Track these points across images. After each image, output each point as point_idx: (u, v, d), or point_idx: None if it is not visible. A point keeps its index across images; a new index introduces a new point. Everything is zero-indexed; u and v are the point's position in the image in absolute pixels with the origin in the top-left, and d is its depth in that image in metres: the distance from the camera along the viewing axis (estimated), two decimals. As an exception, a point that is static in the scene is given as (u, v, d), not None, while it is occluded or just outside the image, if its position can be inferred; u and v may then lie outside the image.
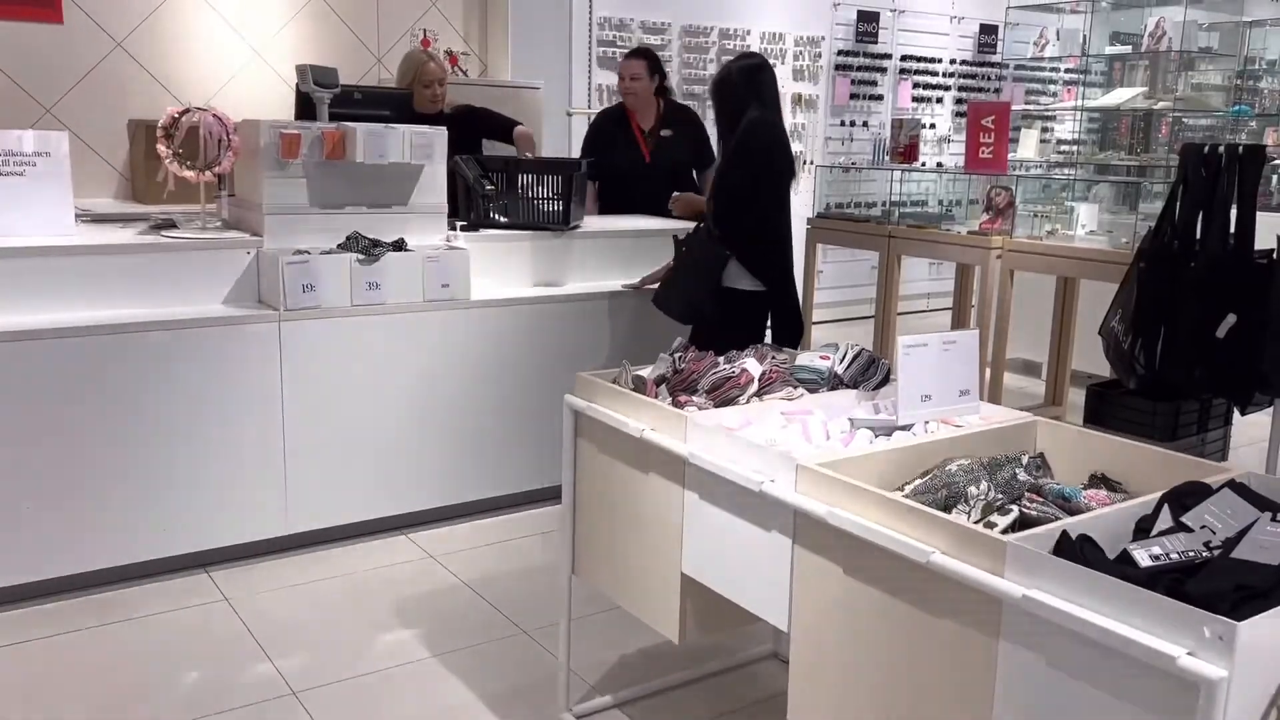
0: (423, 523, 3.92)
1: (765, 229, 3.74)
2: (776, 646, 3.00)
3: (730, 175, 3.74)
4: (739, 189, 3.70)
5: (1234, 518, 1.67)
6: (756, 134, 3.68)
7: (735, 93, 3.74)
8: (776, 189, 3.76)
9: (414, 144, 3.79)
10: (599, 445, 2.53)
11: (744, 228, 3.70)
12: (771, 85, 3.80)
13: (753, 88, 3.73)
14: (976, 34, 8.91)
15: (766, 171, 3.71)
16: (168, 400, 3.36)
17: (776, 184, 3.76)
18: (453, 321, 3.86)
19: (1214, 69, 7.73)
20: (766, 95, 3.75)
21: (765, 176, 3.71)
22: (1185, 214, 3.59)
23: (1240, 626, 1.30)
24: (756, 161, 3.68)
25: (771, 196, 3.74)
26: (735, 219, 3.70)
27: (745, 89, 3.73)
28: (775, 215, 3.77)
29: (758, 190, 3.70)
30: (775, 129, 3.75)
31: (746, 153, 3.68)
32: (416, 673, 2.94)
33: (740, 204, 3.70)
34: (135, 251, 3.47)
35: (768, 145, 3.71)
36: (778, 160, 3.75)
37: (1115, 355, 3.81)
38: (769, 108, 3.74)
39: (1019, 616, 1.55)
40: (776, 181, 3.76)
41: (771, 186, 3.74)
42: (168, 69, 5.71)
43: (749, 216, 3.71)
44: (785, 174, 3.79)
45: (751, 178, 3.68)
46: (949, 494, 1.85)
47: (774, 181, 3.75)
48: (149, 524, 3.39)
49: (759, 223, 3.72)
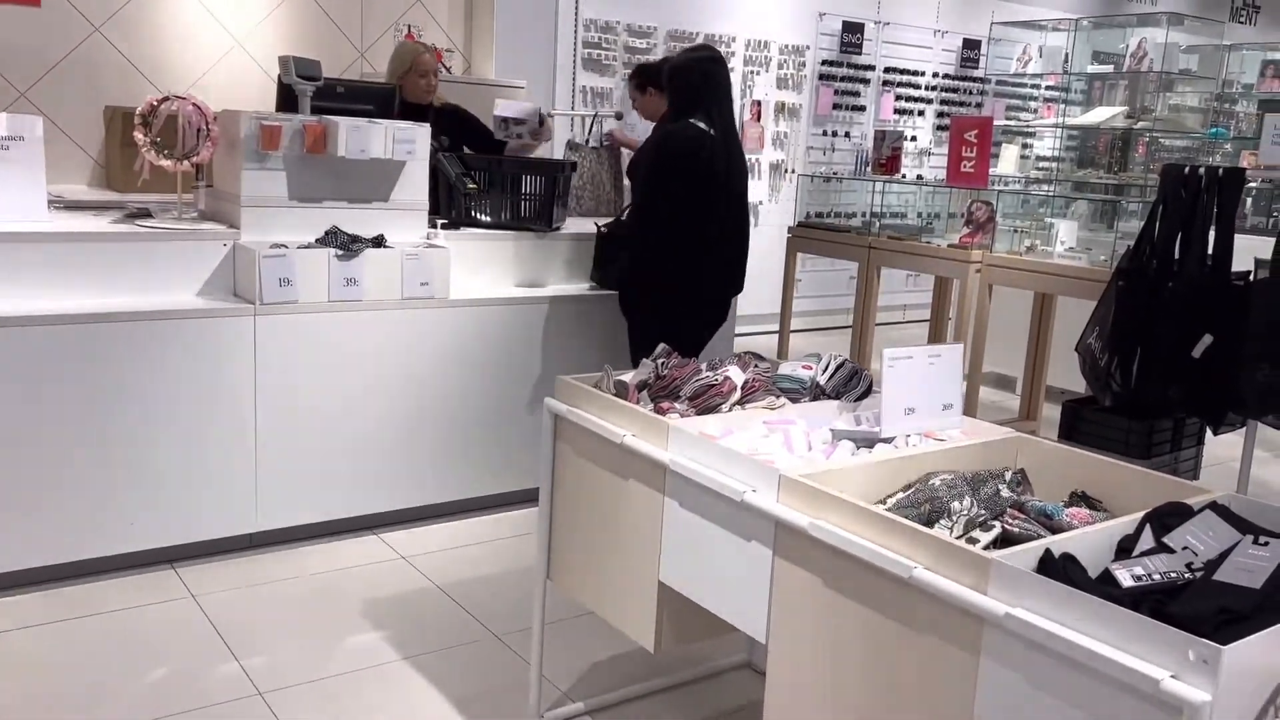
0: (396, 523, 3.87)
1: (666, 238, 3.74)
2: (750, 656, 2.98)
3: (647, 179, 3.81)
4: (644, 198, 3.81)
5: (1216, 539, 1.68)
6: (664, 148, 3.75)
7: (685, 85, 3.75)
8: (694, 198, 3.71)
9: (396, 140, 3.75)
10: (578, 450, 2.50)
11: (648, 225, 3.79)
12: (726, 81, 3.82)
13: (709, 83, 3.74)
14: (960, 48, 8.97)
15: (678, 182, 3.70)
16: (138, 393, 3.30)
17: (692, 194, 3.71)
18: (431, 320, 3.82)
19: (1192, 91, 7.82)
20: (716, 91, 3.76)
21: (678, 186, 3.70)
22: (1164, 234, 3.62)
23: (1225, 650, 1.29)
24: (665, 173, 3.72)
25: (688, 206, 3.71)
26: (644, 216, 3.80)
27: (702, 83, 3.73)
28: (690, 223, 3.74)
29: (666, 197, 3.72)
30: (697, 140, 3.68)
31: (658, 164, 3.75)
32: (385, 675, 2.90)
33: (642, 212, 3.81)
34: (108, 240, 3.41)
35: (677, 159, 3.70)
36: (691, 170, 3.69)
37: (1091, 372, 3.83)
38: (715, 105, 3.73)
39: (1001, 634, 1.54)
40: (691, 192, 3.71)
41: (688, 195, 3.71)
42: (147, 56, 5.64)
43: (655, 217, 3.76)
44: (699, 184, 3.71)
45: (661, 186, 3.72)
46: (932, 508, 1.84)
47: (691, 190, 3.70)
48: (116, 518, 3.33)
49: (668, 224, 3.73)
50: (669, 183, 3.71)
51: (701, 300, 3.86)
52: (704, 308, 3.89)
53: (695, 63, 3.81)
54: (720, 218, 3.81)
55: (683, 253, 3.74)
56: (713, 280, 3.86)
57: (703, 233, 3.75)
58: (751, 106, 7.90)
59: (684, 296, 3.79)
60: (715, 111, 3.75)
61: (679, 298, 3.78)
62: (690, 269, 3.76)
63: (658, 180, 3.75)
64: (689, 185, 3.69)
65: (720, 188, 3.78)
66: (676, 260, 3.74)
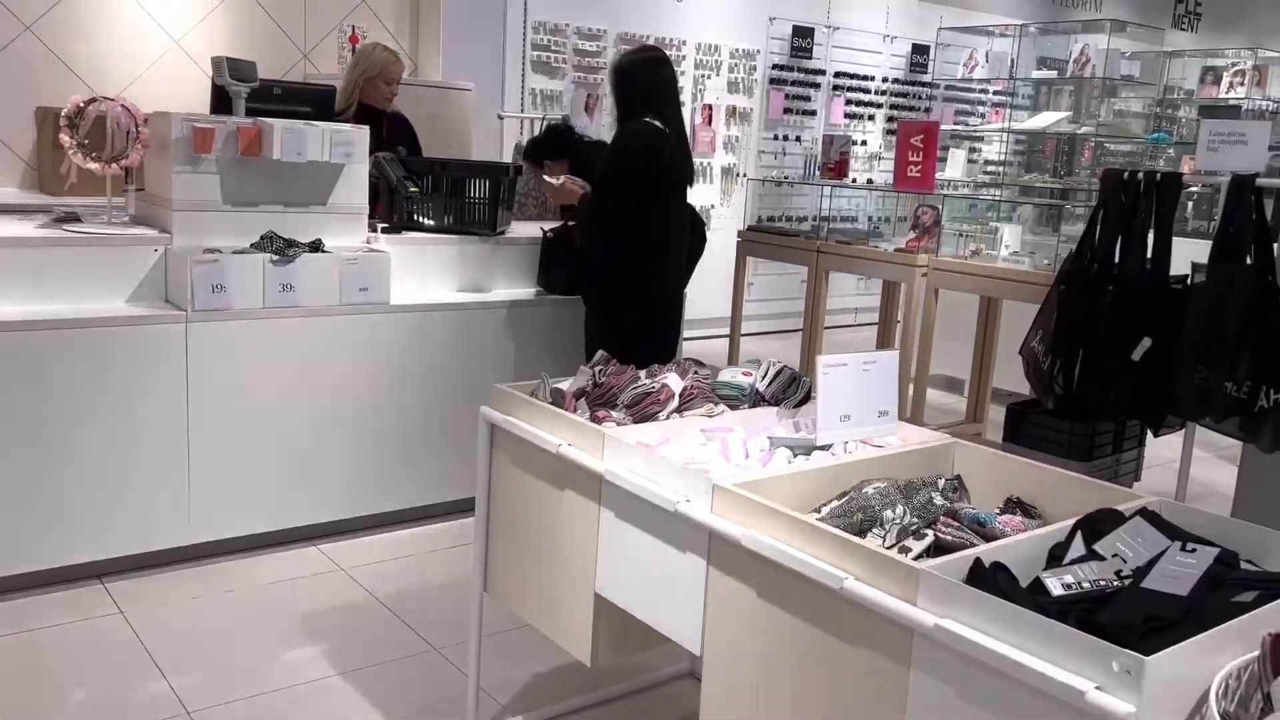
0: (334, 534, 3.79)
1: (627, 237, 3.69)
2: (693, 665, 2.95)
3: (606, 182, 3.74)
4: (609, 196, 3.73)
5: (1145, 546, 1.67)
6: (628, 146, 3.68)
7: (632, 86, 3.71)
8: (658, 195, 3.70)
9: (334, 142, 3.68)
10: (514, 459, 2.46)
11: (605, 230, 3.74)
12: (671, 81, 3.79)
13: (654, 83, 3.70)
14: (909, 53, 9.03)
15: (644, 180, 3.66)
16: (66, 403, 3.20)
17: (656, 190, 3.69)
18: (370, 326, 3.75)
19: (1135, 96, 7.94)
20: (666, 92, 3.74)
21: (643, 187, 3.66)
22: (1105, 238, 3.64)
23: (1148, 661, 1.28)
24: (630, 171, 3.66)
25: (653, 202, 3.69)
26: (612, 216, 3.72)
27: (644, 83, 3.70)
28: (657, 219, 3.71)
29: (632, 199, 3.67)
30: (658, 137, 3.66)
31: (623, 163, 3.69)
32: (320, 691, 2.83)
33: (608, 211, 3.73)
34: (34, 245, 3.31)
35: (641, 157, 3.65)
36: (654, 168, 3.67)
37: (1035, 375, 3.85)
38: (664, 104, 3.70)
39: (931, 646, 1.52)
40: (656, 188, 3.69)
41: (652, 194, 3.68)
42: (80, 55, 5.50)
43: (615, 222, 3.70)
44: (661, 181, 3.70)
45: (629, 185, 3.66)
46: (864, 517, 1.82)
47: (656, 187, 3.69)
48: (42, 532, 3.22)
49: (619, 231, 3.69)
50: (635, 181, 3.65)
51: (671, 297, 3.85)
52: (673, 305, 3.88)
53: (643, 64, 3.78)
54: (679, 215, 3.81)
55: (653, 250, 3.71)
56: (676, 277, 3.87)
57: (668, 230, 3.74)
58: (703, 110, 7.89)
59: (659, 294, 3.77)
60: (667, 111, 3.72)
61: (654, 296, 3.76)
62: (660, 266, 3.74)
63: (624, 179, 3.68)
64: (654, 182, 3.67)
65: (680, 185, 3.78)
66: (649, 258, 3.71)
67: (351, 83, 4.63)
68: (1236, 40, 10.71)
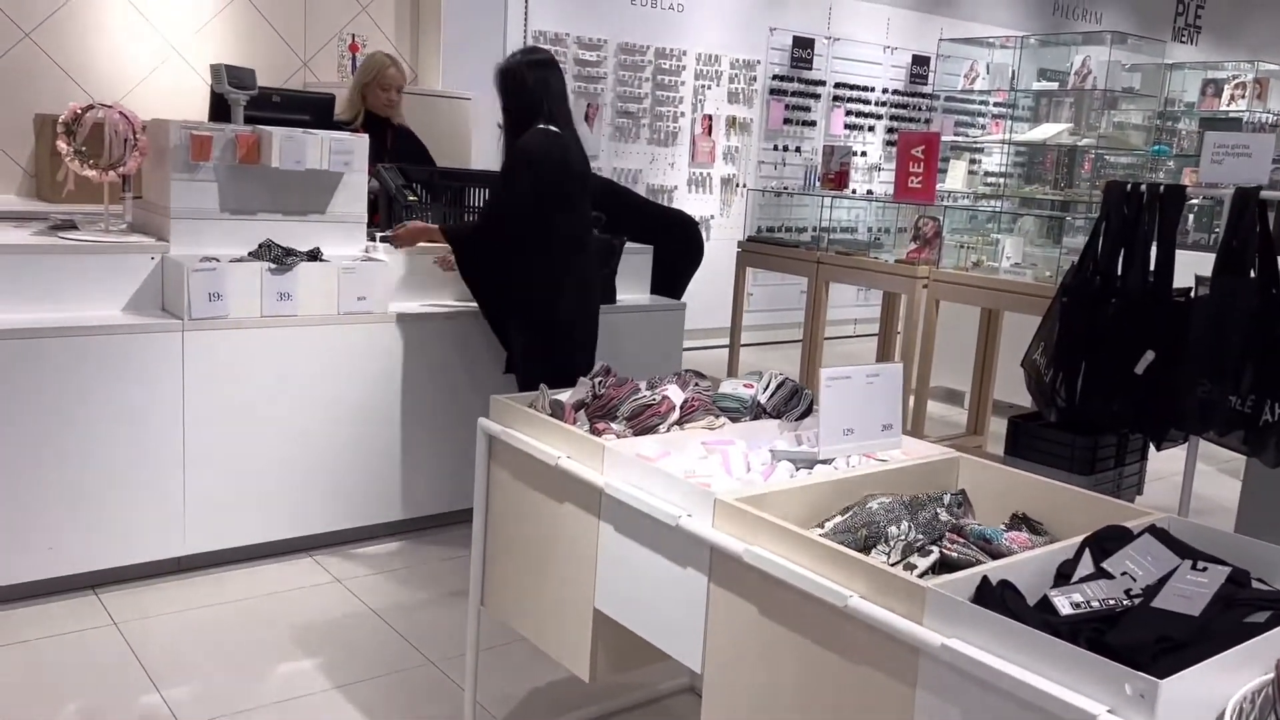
0: (330, 545, 3.76)
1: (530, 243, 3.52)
2: (693, 680, 2.92)
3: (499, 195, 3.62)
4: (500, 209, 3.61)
5: (1155, 565, 1.64)
6: (530, 153, 3.46)
7: (523, 91, 3.50)
8: (560, 202, 3.52)
9: (333, 151, 3.66)
10: (513, 472, 2.43)
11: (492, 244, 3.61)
12: (560, 84, 3.57)
13: (541, 88, 3.50)
14: (909, 64, 9.03)
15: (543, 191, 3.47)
16: (61, 411, 3.17)
17: (557, 198, 3.51)
18: (369, 335, 3.72)
19: (1135, 109, 7.93)
20: (554, 94, 3.53)
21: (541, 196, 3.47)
22: (1107, 250, 3.62)
23: (1162, 684, 1.25)
24: (526, 184, 3.46)
25: (553, 210, 3.50)
26: (490, 237, 3.60)
27: (535, 88, 3.49)
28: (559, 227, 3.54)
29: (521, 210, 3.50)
30: (553, 143, 3.49)
31: (513, 177, 3.50)
32: (315, 705, 2.79)
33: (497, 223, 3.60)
34: (29, 253, 3.28)
35: (539, 166, 3.46)
36: (550, 176, 3.48)
37: (1036, 388, 3.83)
38: (556, 109, 3.52)
39: (937, 666, 1.49)
40: (555, 196, 3.50)
41: (553, 202, 3.50)
42: (80, 63, 5.48)
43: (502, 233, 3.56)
44: (561, 186, 3.51)
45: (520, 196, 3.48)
46: (869, 533, 1.79)
47: (553, 197, 3.50)
48: (35, 541, 3.18)
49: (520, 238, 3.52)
50: (526, 188, 3.45)
51: (578, 312, 3.60)
52: (581, 320, 3.62)
53: (527, 67, 3.52)
54: (586, 222, 3.64)
55: (558, 258, 3.53)
56: (588, 289, 3.66)
57: (575, 236, 3.57)
58: (702, 120, 7.89)
59: (562, 309, 3.55)
60: (558, 116, 3.52)
61: (559, 311, 3.54)
62: (568, 271, 3.56)
63: (515, 188, 3.48)
64: (552, 188, 3.47)
65: (584, 190, 3.61)
66: (556, 266, 3.54)
67: (354, 91, 4.62)
68: (1237, 53, 10.73)
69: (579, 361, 3.30)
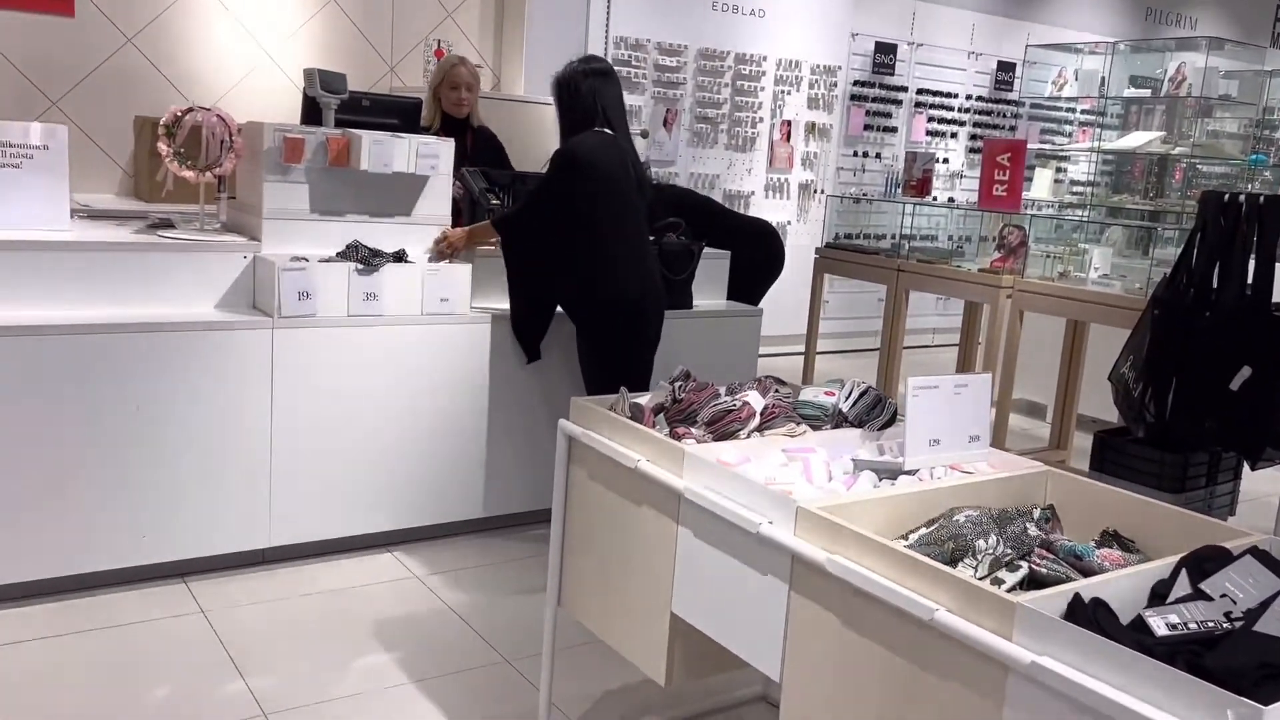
0: (410, 540, 3.82)
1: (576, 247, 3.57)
2: (766, 690, 2.90)
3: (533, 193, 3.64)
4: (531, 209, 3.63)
5: (1256, 587, 1.59)
6: (572, 154, 3.52)
7: (578, 99, 3.55)
8: (602, 203, 3.55)
9: (420, 154, 3.73)
10: (592, 474, 2.44)
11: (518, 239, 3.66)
12: (616, 94, 3.62)
13: (596, 97, 3.54)
14: (994, 70, 8.87)
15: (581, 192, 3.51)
16: (154, 404, 3.28)
17: (597, 200, 3.54)
18: (451, 336, 3.78)
19: (1231, 117, 7.69)
20: (609, 104, 3.58)
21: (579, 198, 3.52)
22: (1202, 262, 3.52)
23: (1267, 711, 1.21)
24: (563, 187, 3.52)
25: (595, 211, 3.54)
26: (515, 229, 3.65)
27: (589, 96, 3.54)
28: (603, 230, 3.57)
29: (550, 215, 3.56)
30: (599, 144, 3.52)
31: (550, 178, 3.56)
32: (392, 698, 2.84)
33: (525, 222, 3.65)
34: (128, 250, 3.40)
35: (578, 167, 3.50)
36: (590, 176, 3.51)
37: (1125, 402, 3.73)
38: (612, 118, 3.57)
39: (1026, 684, 1.46)
40: (596, 198, 3.53)
41: (596, 203, 3.53)
42: (177, 67, 5.66)
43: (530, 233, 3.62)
44: (603, 187, 3.54)
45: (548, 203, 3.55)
46: (956, 546, 1.76)
47: (595, 198, 3.53)
48: (128, 530, 3.30)
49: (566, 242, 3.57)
50: (560, 190, 3.50)
51: (631, 313, 3.63)
52: (634, 321, 3.66)
53: (583, 75, 3.57)
54: (632, 224, 3.66)
55: (606, 260, 3.58)
56: (635, 289, 3.65)
57: (619, 237, 3.59)
58: (781, 126, 7.85)
59: (614, 308, 3.60)
60: (613, 124, 3.58)
61: (616, 306, 3.60)
62: (623, 275, 3.60)
63: (551, 190, 3.53)
64: (594, 189, 3.50)
65: (631, 192, 3.63)
66: (603, 267, 3.58)
67: (429, 97, 4.69)
68: (1340, 59, 10.31)
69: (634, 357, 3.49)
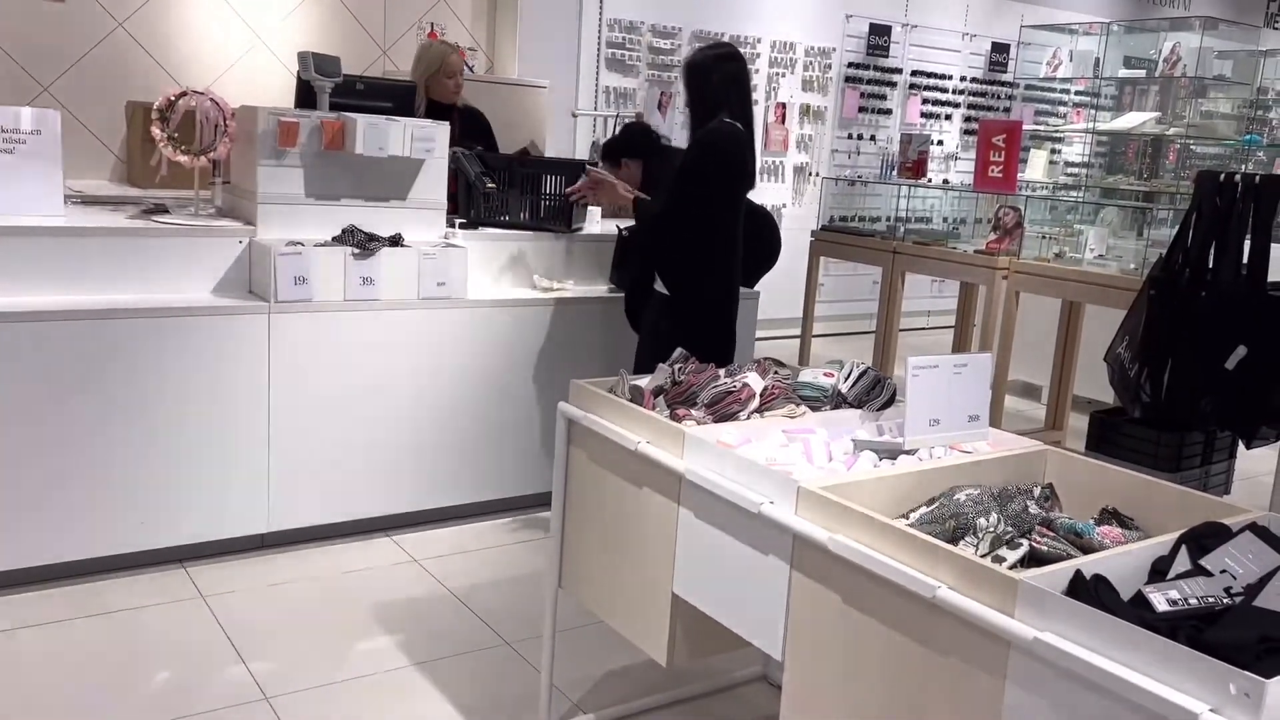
0: (409, 525, 3.83)
1: (704, 238, 3.53)
2: (766, 669, 2.92)
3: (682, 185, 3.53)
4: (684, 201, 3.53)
5: (1256, 563, 1.60)
6: (717, 147, 3.46)
7: (708, 85, 3.52)
8: (732, 199, 3.55)
9: (415, 138, 3.71)
10: (592, 456, 2.45)
11: (671, 235, 3.55)
12: (745, 79, 3.61)
13: (727, 83, 3.51)
14: (988, 52, 8.86)
15: (722, 186, 3.50)
16: (151, 390, 3.27)
17: (731, 195, 3.54)
18: (448, 320, 3.77)
19: (1225, 97, 7.68)
20: (740, 90, 3.56)
21: (725, 189, 3.51)
22: (1198, 242, 3.52)
23: (1269, 684, 1.22)
24: (718, 176, 3.47)
25: (732, 204, 3.55)
26: (670, 226, 3.54)
27: (721, 83, 3.50)
28: (727, 224, 3.57)
29: (717, 201, 3.51)
30: (737, 139, 3.50)
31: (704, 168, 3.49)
32: (393, 681, 2.85)
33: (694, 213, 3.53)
34: (123, 235, 3.38)
35: (725, 160, 3.48)
36: (732, 171, 3.52)
37: (1120, 382, 3.74)
38: (742, 105, 3.55)
39: (1028, 659, 1.47)
40: (734, 190, 3.55)
41: (727, 198, 3.53)
42: (169, 52, 5.63)
43: (682, 226, 3.52)
44: (739, 183, 3.56)
45: (713, 191, 3.49)
46: (957, 525, 1.77)
47: (732, 191, 3.54)
48: (127, 516, 3.30)
49: (698, 232, 3.51)
50: (722, 183, 3.51)
51: (736, 297, 3.70)
52: (732, 318, 3.71)
53: (717, 60, 3.61)
54: (742, 216, 3.70)
55: (728, 251, 3.59)
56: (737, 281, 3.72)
57: (737, 230, 3.61)
58: (776, 109, 7.83)
59: (734, 294, 3.64)
60: (740, 111, 3.60)
61: (732, 296, 3.62)
62: (733, 266, 3.62)
63: (710, 182, 3.49)
64: (734, 185, 3.54)
65: (750, 187, 3.65)
66: (726, 259, 3.58)
67: (417, 83, 4.66)
68: (1334, 39, 10.30)
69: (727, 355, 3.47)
